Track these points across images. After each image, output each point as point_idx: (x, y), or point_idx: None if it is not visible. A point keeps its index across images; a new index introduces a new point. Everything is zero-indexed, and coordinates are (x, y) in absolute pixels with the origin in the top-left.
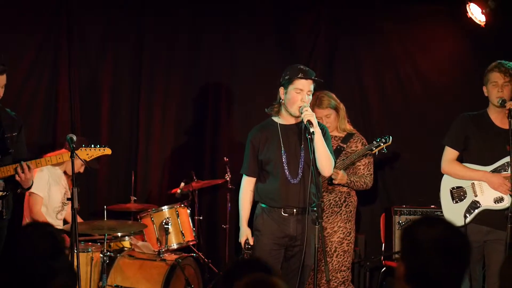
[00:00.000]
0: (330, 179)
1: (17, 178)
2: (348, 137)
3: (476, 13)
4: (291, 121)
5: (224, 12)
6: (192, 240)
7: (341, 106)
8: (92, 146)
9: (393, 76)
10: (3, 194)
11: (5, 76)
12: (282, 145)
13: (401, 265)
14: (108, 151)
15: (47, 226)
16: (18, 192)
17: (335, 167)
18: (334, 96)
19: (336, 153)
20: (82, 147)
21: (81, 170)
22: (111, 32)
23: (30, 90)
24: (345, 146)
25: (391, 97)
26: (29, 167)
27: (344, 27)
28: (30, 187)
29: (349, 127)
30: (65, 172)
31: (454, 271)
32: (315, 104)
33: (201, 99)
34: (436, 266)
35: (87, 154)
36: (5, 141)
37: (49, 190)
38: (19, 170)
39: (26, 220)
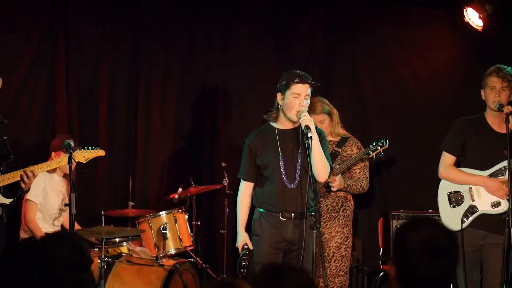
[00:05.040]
0: (328, 186)
1: (22, 184)
2: (342, 141)
3: (473, 18)
4: (289, 126)
5: (222, 14)
6: (190, 245)
7: (335, 111)
8: (86, 148)
9: (391, 79)
10: (12, 200)
11: (0, 80)
12: (279, 150)
13: (392, 266)
14: (102, 152)
15: (77, 238)
16: (18, 196)
17: (331, 172)
18: (327, 101)
19: (331, 157)
20: (78, 149)
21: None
22: (108, 34)
23: (28, 92)
24: (340, 150)
25: (388, 101)
26: (33, 173)
27: (342, 30)
28: (28, 191)
29: (343, 131)
30: (64, 175)
31: (441, 270)
32: (309, 110)
33: (199, 104)
34: (422, 266)
35: (84, 157)
36: (5, 146)
37: (45, 197)
38: (24, 177)
39: (24, 226)
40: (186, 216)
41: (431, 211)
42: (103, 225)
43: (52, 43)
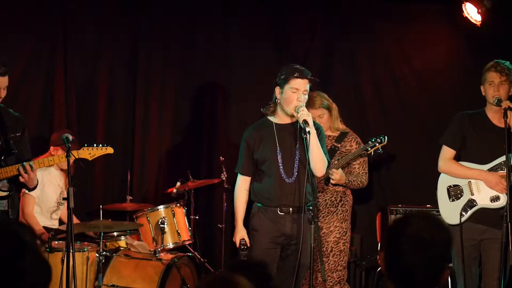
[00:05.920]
0: (327, 179)
1: (21, 179)
2: (342, 136)
3: (472, 13)
4: (287, 120)
5: (220, 12)
6: (188, 240)
7: (334, 106)
8: (95, 145)
9: (389, 75)
10: (7, 194)
11: (7, 78)
12: (277, 145)
13: (383, 260)
14: (110, 150)
15: (9, 225)
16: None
17: (330, 167)
18: (326, 96)
19: (331, 152)
20: (85, 146)
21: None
22: (107, 32)
23: (27, 89)
24: (339, 145)
25: (387, 97)
26: (32, 167)
27: (340, 26)
28: (35, 187)
29: (342, 126)
30: (62, 169)
31: (429, 265)
32: (308, 104)
33: (197, 99)
34: (410, 260)
35: (89, 154)
36: (8, 142)
37: (42, 190)
38: (21, 170)
39: (22, 220)
40: (184, 210)
41: (429, 206)
42: (101, 219)
43: (51, 43)
